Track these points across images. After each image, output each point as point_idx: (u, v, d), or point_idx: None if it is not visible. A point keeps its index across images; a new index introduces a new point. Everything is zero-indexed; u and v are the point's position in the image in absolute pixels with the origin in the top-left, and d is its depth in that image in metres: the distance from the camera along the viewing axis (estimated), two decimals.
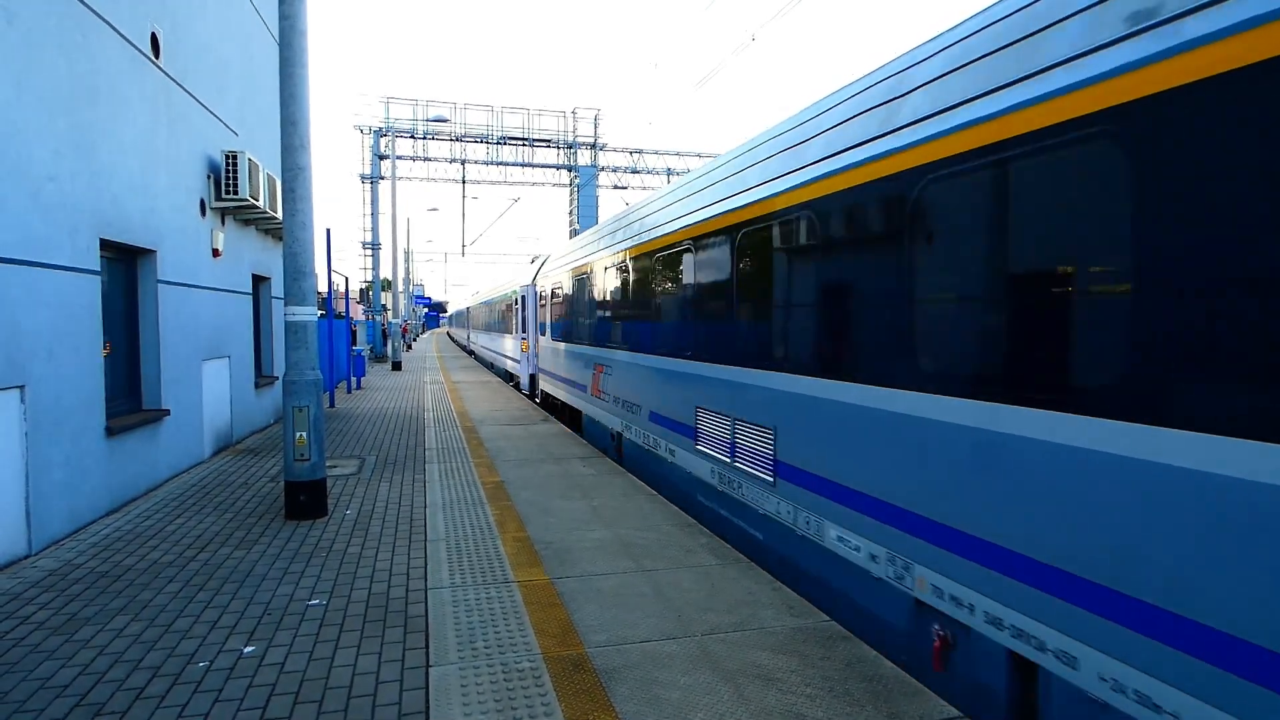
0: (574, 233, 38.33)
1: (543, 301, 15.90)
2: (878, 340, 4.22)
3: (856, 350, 4.43)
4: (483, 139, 36.63)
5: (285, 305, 6.87)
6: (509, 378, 22.79)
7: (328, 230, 16.10)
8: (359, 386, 20.34)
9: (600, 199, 39.26)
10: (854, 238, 4.50)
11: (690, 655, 4.02)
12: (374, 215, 35.06)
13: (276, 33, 7.22)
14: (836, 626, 4.39)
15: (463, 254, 44.87)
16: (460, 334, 54.68)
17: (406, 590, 5.03)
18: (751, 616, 4.54)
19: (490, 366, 28.95)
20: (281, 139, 6.86)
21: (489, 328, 29.14)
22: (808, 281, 5.00)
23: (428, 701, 3.56)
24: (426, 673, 3.85)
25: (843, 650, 4.07)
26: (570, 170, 38.84)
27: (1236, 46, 2.38)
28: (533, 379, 17.58)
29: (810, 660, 3.95)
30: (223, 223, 10.51)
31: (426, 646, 4.16)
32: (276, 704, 3.57)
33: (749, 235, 5.76)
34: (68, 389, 6.41)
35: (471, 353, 40.33)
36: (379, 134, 35.34)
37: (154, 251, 8.25)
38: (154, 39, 8.25)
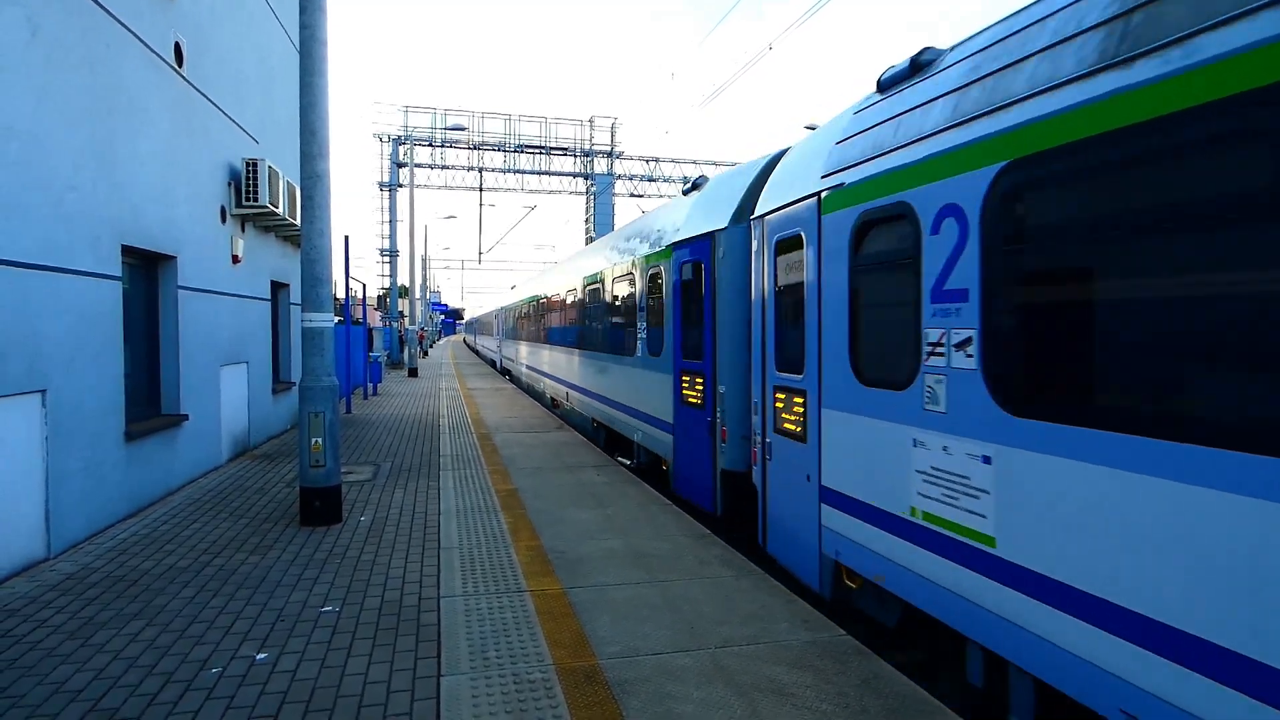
0: (589, 240, 38.42)
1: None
2: None
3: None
4: (500, 147, 36.90)
5: (303, 312, 6.92)
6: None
7: (345, 237, 16.23)
8: (375, 393, 20.46)
9: (616, 207, 39.39)
10: None
11: (703, 669, 3.97)
12: (392, 222, 35.35)
13: (297, 41, 7.29)
14: (852, 641, 4.33)
15: (479, 261, 45.16)
16: (488, 345, 41.06)
17: (419, 598, 5.02)
18: (765, 630, 4.48)
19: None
20: (301, 147, 6.92)
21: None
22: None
23: (439, 712, 3.54)
24: (438, 682, 3.83)
25: (858, 666, 4.00)
26: (587, 178, 38.99)
27: None
28: None
29: (825, 675, 3.89)
30: (242, 229, 10.61)
31: (438, 656, 4.14)
32: (288, 712, 3.56)
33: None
34: (88, 394, 6.48)
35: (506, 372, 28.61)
36: (398, 142, 35.69)
37: (174, 257, 8.34)
38: (177, 48, 8.36)
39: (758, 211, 6.06)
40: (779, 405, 5.55)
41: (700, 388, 7.26)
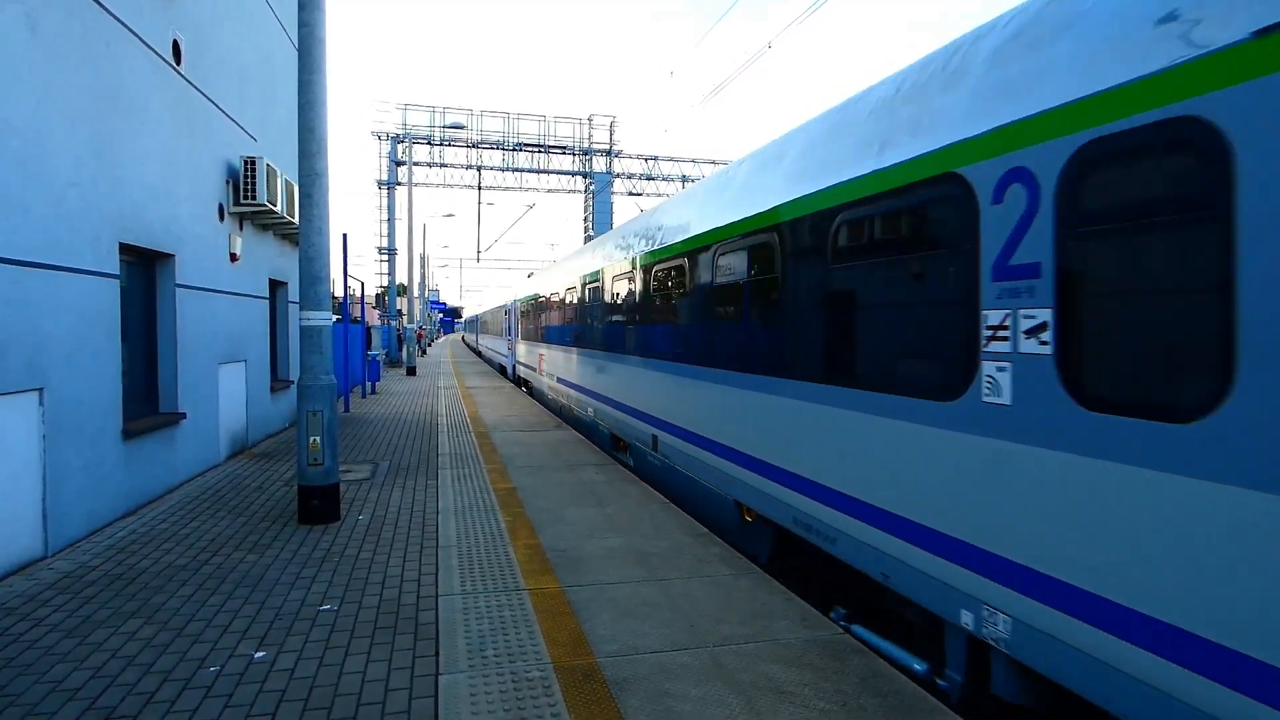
0: (588, 238, 38.40)
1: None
2: None
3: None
4: (499, 145, 36.85)
5: (301, 310, 6.91)
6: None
7: (344, 235, 16.22)
8: (374, 391, 20.44)
9: (615, 205, 39.34)
10: None
11: (702, 667, 3.97)
12: (390, 221, 35.33)
13: (296, 40, 7.28)
14: (850, 639, 4.33)
15: (478, 260, 45.12)
16: (494, 347, 33.79)
17: (417, 596, 5.02)
18: (765, 628, 4.48)
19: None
20: (299, 144, 6.91)
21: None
22: None
23: (436, 710, 3.54)
24: (436, 680, 3.83)
25: (857, 664, 4.01)
26: (585, 177, 38.96)
27: None
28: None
29: (824, 674, 3.90)
30: (241, 228, 10.60)
31: (436, 654, 4.14)
32: (286, 710, 3.56)
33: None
34: (86, 392, 6.47)
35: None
36: (396, 140, 35.64)
37: (173, 255, 8.33)
38: (175, 46, 8.35)
39: None
40: None
41: None
